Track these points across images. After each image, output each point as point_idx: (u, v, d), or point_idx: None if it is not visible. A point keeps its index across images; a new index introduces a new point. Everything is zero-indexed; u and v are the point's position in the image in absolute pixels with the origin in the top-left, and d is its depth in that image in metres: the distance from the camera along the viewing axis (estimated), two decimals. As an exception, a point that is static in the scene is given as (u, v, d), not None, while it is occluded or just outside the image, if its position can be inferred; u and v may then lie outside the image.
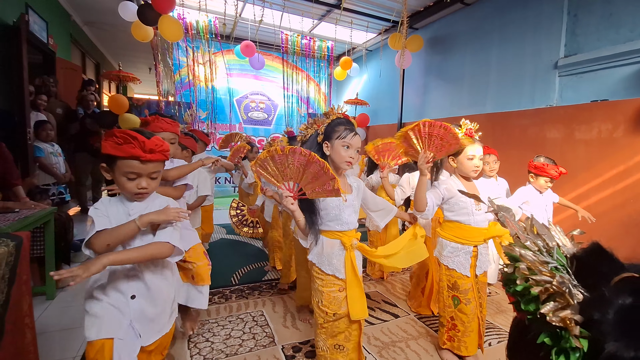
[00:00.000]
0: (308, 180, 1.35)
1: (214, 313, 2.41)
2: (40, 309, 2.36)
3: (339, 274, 1.55)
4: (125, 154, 1.12)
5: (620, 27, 3.12)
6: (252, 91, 7.42)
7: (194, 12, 5.74)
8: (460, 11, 4.89)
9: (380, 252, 1.66)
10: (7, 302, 1.12)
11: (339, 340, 1.62)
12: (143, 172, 1.18)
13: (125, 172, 1.15)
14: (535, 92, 3.83)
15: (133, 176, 1.17)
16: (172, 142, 1.80)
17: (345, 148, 1.54)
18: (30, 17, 4.16)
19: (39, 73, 4.45)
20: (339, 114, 1.64)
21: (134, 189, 1.18)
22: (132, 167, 1.15)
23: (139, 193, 1.20)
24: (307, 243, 1.57)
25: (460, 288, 1.83)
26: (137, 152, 1.13)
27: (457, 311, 1.85)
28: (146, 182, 1.20)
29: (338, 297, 1.56)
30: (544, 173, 2.43)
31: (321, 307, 1.56)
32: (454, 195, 1.83)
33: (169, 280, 1.35)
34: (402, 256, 1.71)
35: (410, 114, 5.86)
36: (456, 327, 1.86)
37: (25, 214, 2.20)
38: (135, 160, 1.14)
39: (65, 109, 4.75)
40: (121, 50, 8.08)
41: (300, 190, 1.39)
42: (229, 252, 3.86)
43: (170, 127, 1.78)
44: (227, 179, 7.11)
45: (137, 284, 1.22)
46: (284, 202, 1.40)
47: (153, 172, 1.21)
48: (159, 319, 1.29)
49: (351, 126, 1.58)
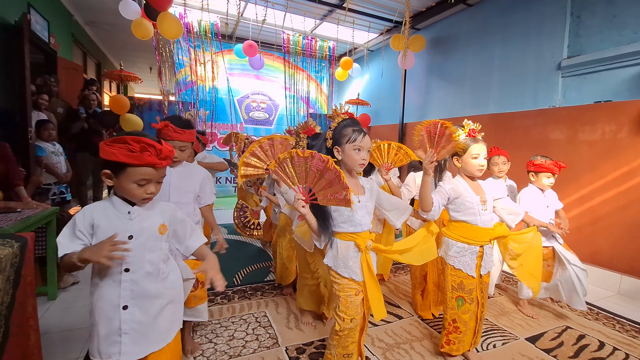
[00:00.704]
0: (322, 186, 1.35)
1: (216, 314, 2.40)
2: (42, 309, 2.35)
3: (356, 277, 1.53)
4: (141, 162, 1.10)
5: (623, 29, 3.12)
6: (253, 91, 7.41)
7: (195, 11, 5.73)
8: (462, 12, 4.89)
9: (395, 248, 1.65)
10: (12, 304, 1.11)
11: (349, 350, 1.60)
12: (154, 178, 1.16)
13: (137, 179, 1.13)
14: (538, 93, 3.83)
15: (144, 183, 1.14)
16: (182, 149, 1.83)
17: (356, 151, 1.52)
18: (32, 17, 4.15)
19: (41, 72, 4.44)
20: (343, 115, 1.63)
21: (143, 194, 1.15)
22: (146, 175, 1.13)
23: (147, 198, 1.18)
24: (321, 244, 1.56)
25: (465, 288, 1.83)
26: (154, 160, 1.12)
27: (460, 313, 1.84)
28: (154, 187, 1.18)
29: (355, 301, 1.54)
30: (544, 169, 2.43)
31: (339, 312, 1.55)
32: (460, 195, 1.82)
33: (172, 284, 1.28)
34: (416, 253, 1.69)
35: (412, 114, 5.85)
36: (458, 329, 1.85)
37: (27, 214, 2.19)
38: (150, 168, 1.13)
39: (66, 109, 4.74)
40: (122, 50, 8.07)
41: (312, 195, 1.39)
42: (231, 252, 3.80)
43: (180, 136, 1.79)
44: (228, 179, 7.10)
45: (130, 293, 1.15)
46: (295, 205, 1.39)
47: (161, 177, 1.20)
48: (156, 330, 1.20)
49: (358, 127, 1.56)
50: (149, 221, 1.20)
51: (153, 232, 1.20)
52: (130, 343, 1.14)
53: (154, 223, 1.21)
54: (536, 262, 2.02)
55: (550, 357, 2.02)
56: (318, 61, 7.63)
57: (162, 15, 4.03)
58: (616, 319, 2.53)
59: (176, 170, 1.87)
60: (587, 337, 2.25)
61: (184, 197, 1.88)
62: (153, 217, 1.22)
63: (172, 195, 1.82)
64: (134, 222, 1.17)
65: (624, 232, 3.03)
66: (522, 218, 2.05)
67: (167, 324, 1.24)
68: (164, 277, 1.24)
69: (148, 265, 1.18)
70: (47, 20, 4.66)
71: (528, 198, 2.49)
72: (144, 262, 1.17)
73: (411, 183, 2.51)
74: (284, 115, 7.62)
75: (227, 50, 6.73)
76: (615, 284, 3.05)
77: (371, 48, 7.00)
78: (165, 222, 1.25)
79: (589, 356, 2.04)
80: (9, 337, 1.11)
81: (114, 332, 1.13)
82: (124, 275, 1.14)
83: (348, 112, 1.67)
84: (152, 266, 1.19)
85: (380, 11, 5.36)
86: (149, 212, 1.22)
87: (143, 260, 1.17)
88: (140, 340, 1.16)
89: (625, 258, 3.02)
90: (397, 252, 1.65)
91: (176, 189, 1.84)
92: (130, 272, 1.15)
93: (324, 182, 1.34)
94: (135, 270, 1.16)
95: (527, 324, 2.41)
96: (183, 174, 1.89)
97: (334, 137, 1.56)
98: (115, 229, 1.12)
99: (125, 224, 1.15)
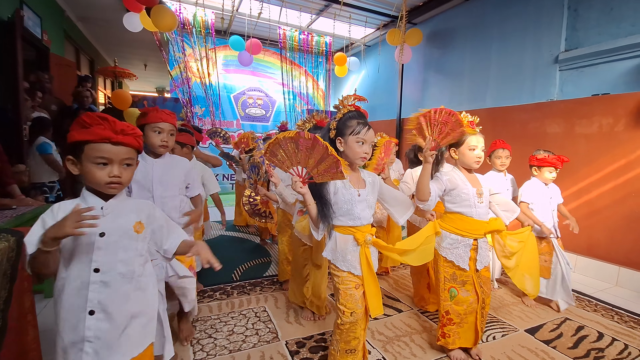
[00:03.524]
0: (314, 163, 1.36)
1: (215, 309, 2.38)
2: (39, 307, 2.32)
3: (355, 271, 1.52)
4: (94, 137, 1.01)
5: (621, 21, 3.12)
6: (250, 87, 7.37)
7: (190, 7, 5.68)
8: (460, 5, 4.87)
9: (397, 248, 1.63)
10: (9, 299, 1.09)
11: (352, 345, 1.59)
12: (114, 157, 1.05)
13: (94, 157, 1.02)
14: (536, 86, 3.83)
15: (103, 161, 1.04)
16: (171, 133, 1.77)
17: (359, 144, 1.50)
18: (24, 13, 4.09)
19: (33, 69, 4.38)
20: (350, 107, 1.60)
21: (105, 177, 1.04)
22: (102, 151, 1.03)
23: (111, 182, 1.05)
24: (319, 235, 1.54)
25: (458, 279, 1.82)
26: (107, 134, 1.02)
27: (454, 304, 1.83)
28: (118, 169, 1.06)
29: (354, 294, 1.52)
30: (547, 163, 2.43)
31: (339, 305, 1.54)
32: (456, 187, 1.81)
33: (146, 293, 1.16)
34: (418, 253, 1.68)
35: (409, 109, 5.84)
36: (452, 320, 1.84)
37: (22, 210, 2.16)
38: (106, 143, 1.03)
39: (59, 106, 4.68)
40: (115, 46, 7.99)
41: (308, 175, 1.39)
42: (229, 248, 3.83)
43: (169, 118, 1.74)
44: (225, 176, 7.07)
45: (98, 296, 1.03)
46: (294, 187, 1.38)
47: (126, 159, 1.08)
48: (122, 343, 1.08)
49: (364, 120, 1.54)
50: (123, 218, 1.11)
51: (127, 229, 1.10)
52: (93, 353, 1.03)
53: (128, 220, 1.11)
54: (532, 262, 2.02)
55: (550, 348, 2.03)
56: (315, 57, 7.60)
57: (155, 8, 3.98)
58: (614, 310, 2.54)
59: (160, 163, 1.77)
60: (586, 328, 2.26)
61: (169, 190, 1.78)
62: (128, 214, 1.12)
63: (156, 188, 1.72)
64: (106, 219, 1.06)
65: (622, 225, 3.05)
66: (517, 215, 2.03)
67: (137, 337, 1.12)
68: (139, 280, 1.12)
69: (121, 265, 1.08)
70: (39, 16, 4.59)
71: (531, 190, 2.50)
72: (117, 262, 1.07)
73: (409, 179, 2.49)
74: (281, 112, 7.59)
75: (223, 47, 6.68)
76: (613, 276, 3.07)
77: (368, 43, 6.97)
78: (142, 221, 1.15)
79: (588, 347, 2.05)
80: (6, 332, 1.09)
81: (78, 341, 1.02)
82: (92, 276, 1.03)
83: (355, 104, 1.64)
84: (125, 267, 1.08)
85: (377, 5, 5.34)
86: (124, 208, 1.12)
87: (115, 260, 1.07)
88: (103, 352, 1.04)
89: (623, 250, 3.04)
90: (397, 251, 1.64)
91: (159, 182, 1.74)
92: (100, 273, 1.04)
93: (315, 159, 1.35)
94: (106, 271, 1.05)
95: (527, 316, 2.42)
96: (166, 166, 1.80)
97: (337, 128, 1.54)
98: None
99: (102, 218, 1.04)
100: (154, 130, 1.72)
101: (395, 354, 1.94)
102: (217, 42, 6.51)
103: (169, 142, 1.76)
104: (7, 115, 3.49)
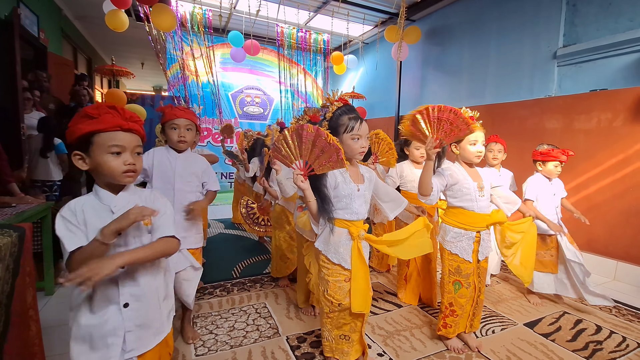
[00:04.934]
0: (316, 155, 1.37)
1: (216, 306, 2.39)
2: (40, 304, 2.30)
3: (345, 264, 1.54)
4: (105, 125, 1.01)
5: (619, 16, 3.13)
6: (248, 85, 7.36)
7: (187, 4, 5.66)
8: (458, 2, 4.87)
9: (385, 239, 1.65)
10: (12, 294, 1.09)
11: (345, 331, 1.61)
12: (127, 144, 1.06)
13: (108, 146, 1.02)
14: (534, 82, 3.83)
15: (117, 150, 1.04)
16: (188, 128, 1.82)
17: (355, 140, 1.52)
18: (22, 11, 4.07)
19: (31, 68, 4.36)
20: (337, 101, 1.61)
21: (121, 166, 1.04)
22: (116, 139, 1.03)
23: (128, 170, 1.05)
24: (318, 229, 1.55)
25: (462, 272, 1.85)
26: (118, 121, 1.03)
27: (457, 297, 1.87)
28: (132, 157, 1.07)
29: (343, 287, 1.55)
30: (552, 157, 2.41)
31: (326, 296, 1.56)
32: (458, 182, 1.83)
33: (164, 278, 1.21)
34: (407, 247, 1.70)
35: (407, 106, 5.84)
36: (454, 312, 1.89)
37: (22, 208, 2.16)
38: (118, 131, 1.03)
39: (57, 105, 4.66)
40: (113, 45, 7.95)
41: (309, 169, 1.40)
42: (228, 246, 3.84)
43: (184, 114, 1.78)
44: (224, 174, 7.06)
45: (130, 289, 1.07)
46: (295, 181, 1.39)
47: (137, 146, 1.09)
48: (155, 323, 1.14)
49: (355, 113, 1.55)
50: None
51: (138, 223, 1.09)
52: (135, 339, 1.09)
53: None
54: (529, 252, 2.05)
55: (549, 341, 2.04)
56: (313, 54, 7.59)
57: (155, 7, 3.97)
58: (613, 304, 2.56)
59: (182, 157, 1.85)
60: (584, 322, 2.28)
61: (189, 185, 1.86)
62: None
63: (177, 182, 1.81)
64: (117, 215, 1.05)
65: (620, 219, 3.06)
66: (518, 207, 2.05)
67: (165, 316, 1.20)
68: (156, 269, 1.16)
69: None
70: (37, 15, 4.57)
71: (535, 186, 2.48)
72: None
73: (393, 173, 2.52)
74: (278, 110, 7.57)
75: (221, 44, 6.66)
76: (612, 271, 3.08)
77: (366, 40, 6.96)
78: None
79: (587, 340, 2.07)
80: (9, 327, 1.09)
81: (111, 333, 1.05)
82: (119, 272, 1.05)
83: (342, 98, 1.64)
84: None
85: (376, 2, 5.33)
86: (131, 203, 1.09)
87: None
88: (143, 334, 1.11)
89: (621, 245, 3.05)
90: (386, 242, 1.65)
91: (180, 176, 1.82)
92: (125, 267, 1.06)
93: (318, 149, 1.37)
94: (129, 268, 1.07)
95: (525, 310, 2.43)
96: (187, 161, 1.87)
97: (330, 128, 1.54)
98: (104, 223, 1.00)
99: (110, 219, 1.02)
100: (171, 127, 1.80)
101: (396, 348, 1.95)
102: (215, 40, 6.48)
103: (186, 137, 1.81)
104: (6, 114, 3.47)
